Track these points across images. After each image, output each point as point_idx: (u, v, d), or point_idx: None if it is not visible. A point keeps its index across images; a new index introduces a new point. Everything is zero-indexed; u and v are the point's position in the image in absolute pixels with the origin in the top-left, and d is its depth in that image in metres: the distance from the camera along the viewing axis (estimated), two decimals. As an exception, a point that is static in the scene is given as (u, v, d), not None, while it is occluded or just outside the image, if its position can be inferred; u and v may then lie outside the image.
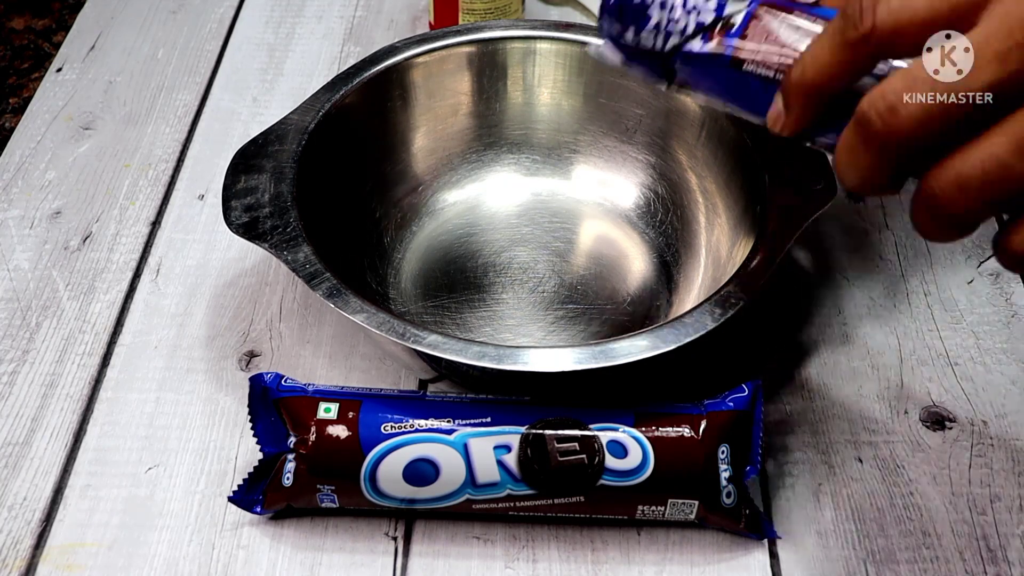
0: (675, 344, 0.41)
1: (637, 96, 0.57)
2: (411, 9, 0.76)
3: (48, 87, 0.68)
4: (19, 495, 0.46)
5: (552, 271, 0.55)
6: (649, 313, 0.53)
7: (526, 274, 0.55)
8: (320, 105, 0.52)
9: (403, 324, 0.42)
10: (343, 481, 0.42)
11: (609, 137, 0.59)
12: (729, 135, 0.53)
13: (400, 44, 0.56)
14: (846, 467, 0.47)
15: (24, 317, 0.54)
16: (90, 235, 0.58)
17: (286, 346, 0.52)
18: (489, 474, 0.41)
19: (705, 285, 0.52)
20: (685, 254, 0.55)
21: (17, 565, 0.43)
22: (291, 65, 0.70)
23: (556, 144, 0.60)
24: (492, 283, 0.55)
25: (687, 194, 0.56)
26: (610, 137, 0.59)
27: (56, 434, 0.48)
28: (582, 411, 0.43)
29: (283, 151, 0.49)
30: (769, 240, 0.46)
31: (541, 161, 0.60)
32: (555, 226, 0.58)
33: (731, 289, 0.44)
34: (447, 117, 0.58)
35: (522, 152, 0.60)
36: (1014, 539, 0.45)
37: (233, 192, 0.47)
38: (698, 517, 0.43)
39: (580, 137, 0.60)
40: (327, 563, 0.44)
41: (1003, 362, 0.52)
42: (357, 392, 0.44)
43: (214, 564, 0.44)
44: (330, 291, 0.43)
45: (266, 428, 0.44)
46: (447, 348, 0.41)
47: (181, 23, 0.74)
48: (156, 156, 0.63)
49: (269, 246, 0.45)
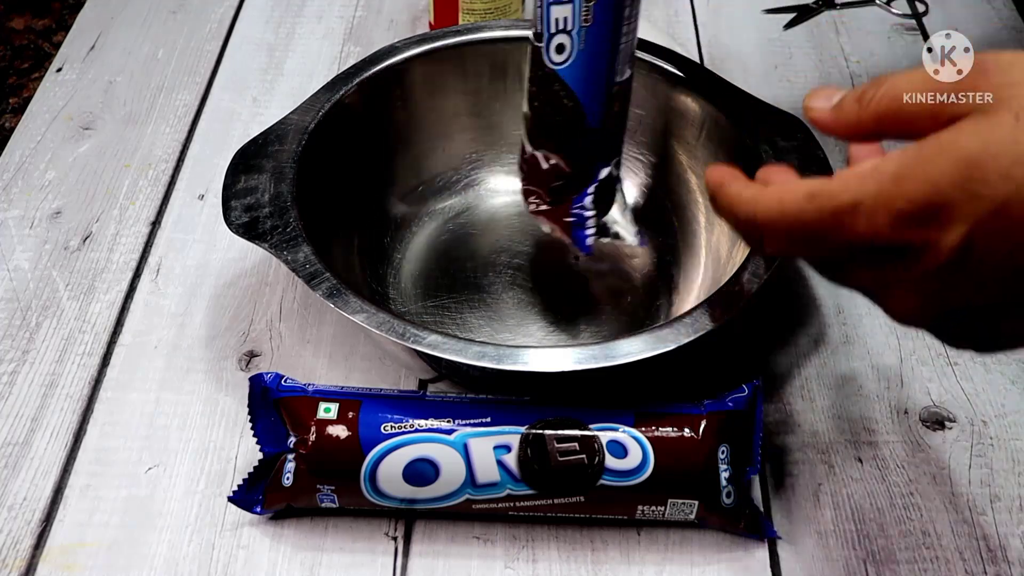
0: (675, 344, 0.41)
1: (636, 96, 0.57)
2: (411, 9, 0.76)
3: (48, 87, 0.68)
4: (19, 495, 0.46)
5: (552, 271, 0.55)
6: (649, 313, 0.53)
7: (526, 274, 0.55)
8: (320, 105, 0.52)
9: (403, 324, 0.42)
10: (343, 481, 0.42)
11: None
12: (729, 135, 0.53)
13: (400, 44, 0.56)
14: (846, 467, 0.47)
15: (24, 317, 0.54)
16: (90, 235, 0.58)
17: (286, 346, 0.52)
18: (489, 474, 0.41)
19: (705, 285, 0.52)
20: (685, 254, 0.55)
21: (17, 565, 0.44)
22: (291, 65, 0.70)
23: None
24: (492, 283, 0.55)
25: (687, 194, 0.56)
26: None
27: (56, 434, 0.48)
28: (582, 411, 0.43)
29: (283, 151, 0.49)
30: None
31: (541, 161, 0.60)
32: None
33: (732, 289, 0.44)
34: (447, 117, 0.58)
35: (522, 152, 0.60)
36: (1014, 539, 0.45)
37: (233, 192, 0.47)
38: (698, 517, 0.43)
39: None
40: (327, 563, 0.44)
41: (1003, 362, 0.52)
42: (357, 392, 0.44)
43: (214, 564, 0.44)
44: (330, 291, 0.43)
45: (266, 428, 0.44)
46: (447, 348, 0.41)
47: (181, 23, 0.74)
48: (156, 156, 0.63)
49: (269, 246, 0.45)
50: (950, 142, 0.29)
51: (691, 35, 0.74)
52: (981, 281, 0.29)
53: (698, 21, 0.75)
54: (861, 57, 0.72)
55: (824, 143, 0.51)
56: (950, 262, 0.29)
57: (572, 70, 0.40)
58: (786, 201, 0.32)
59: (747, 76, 0.69)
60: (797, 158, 0.50)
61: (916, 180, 0.29)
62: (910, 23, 0.75)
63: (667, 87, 0.55)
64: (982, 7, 0.77)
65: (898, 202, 0.29)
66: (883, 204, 0.29)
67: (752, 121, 0.52)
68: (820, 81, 0.70)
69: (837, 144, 0.65)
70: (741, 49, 0.73)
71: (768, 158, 0.49)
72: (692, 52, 0.72)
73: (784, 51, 0.73)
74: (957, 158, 0.28)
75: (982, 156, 0.28)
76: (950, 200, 0.28)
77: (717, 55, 0.72)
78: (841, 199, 0.30)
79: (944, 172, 0.28)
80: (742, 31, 0.74)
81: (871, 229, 0.30)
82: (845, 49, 0.73)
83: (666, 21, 0.75)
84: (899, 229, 0.29)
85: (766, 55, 0.72)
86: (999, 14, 0.76)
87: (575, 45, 0.40)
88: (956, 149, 0.28)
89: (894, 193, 0.29)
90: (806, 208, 0.31)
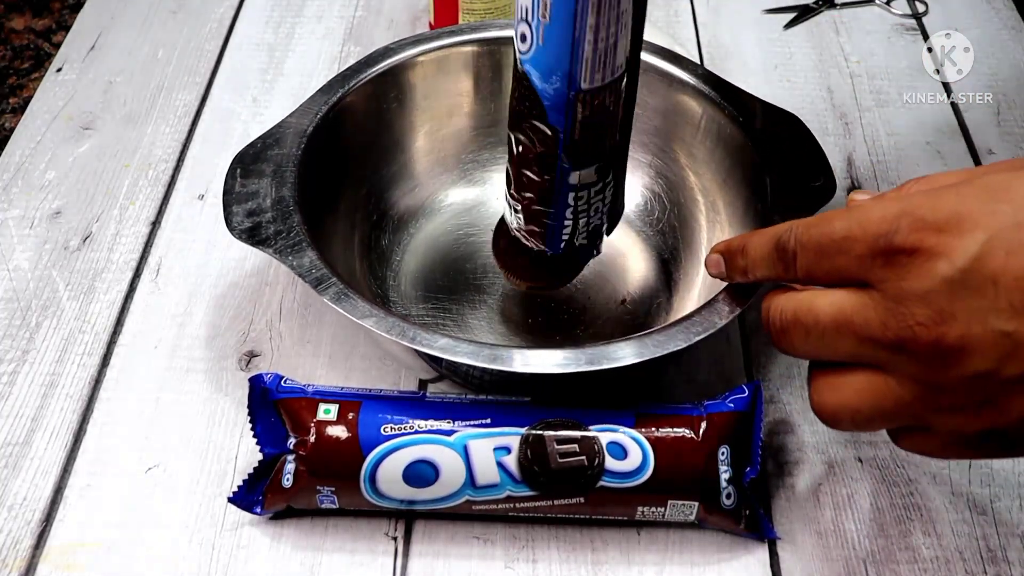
0: (680, 345, 0.41)
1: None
2: (411, 9, 0.76)
3: (48, 87, 0.68)
4: (19, 495, 0.46)
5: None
6: (649, 312, 0.53)
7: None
8: (317, 108, 0.52)
9: (413, 328, 0.42)
10: (343, 482, 0.42)
11: (607, 136, 0.59)
12: (727, 133, 0.53)
13: (395, 45, 0.56)
14: (846, 467, 0.47)
15: (24, 317, 0.54)
16: (90, 235, 0.58)
17: (286, 346, 0.52)
18: (489, 475, 0.41)
19: (706, 284, 0.52)
20: (685, 253, 0.55)
21: (17, 565, 0.44)
22: (291, 65, 0.70)
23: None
24: (492, 283, 0.55)
25: (686, 192, 0.56)
26: (608, 136, 0.59)
27: (56, 434, 0.48)
28: (582, 412, 0.43)
29: (282, 155, 0.49)
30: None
31: (540, 161, 0.60)
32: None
33: (735, 287, 0.44)
34: (444, 118, 0.58)
35: (521, 152, 0.60)
36: (1014, 539, 0.45)
37: (234, 197, 0.47)
38: (698, 518, 0.43)
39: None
40: (327, 563, 0.44)
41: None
42: (357, 393, 0.44)
43: (214, 564, 0.44)
44: (338, 296, 0.43)
45: (266, 429, 0.44)
46: (459, 351, 0.41)
47: (181, 23, 0.74)
48: (156, 156, 0.63)
49: (273, 251, 0.45)
50: (982, 177, 0.31)
51: (691, 35, 0.74)
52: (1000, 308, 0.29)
53: (698, 21, 0.75)
54: (861, 57, 0.72)
55: (822, 141, 0.51)
56: (968, 272, 0.29)
57: (532, 64, 0.40)
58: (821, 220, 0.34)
59: (747, 76, 0.70)
60: (795, 155, 0.50)
61: (945, 195, 0.31)
62: (910, 23, 0.75)
63: (667, 87, 0.55)
64: (982, 7, 0.77)
65: (924, 211, 0.31)
66: (910, 212, 0.31)
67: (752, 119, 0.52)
68: (820, 81, 0.70)
69: (836, 143, 0.65)
70: (741, 49, 0.73)
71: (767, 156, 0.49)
72: (692, 52, 0.72)
73: (784, 51, 0.73)
74: (987, 184, 0.31)
75: (1010, 183, 0.30)
76: (972, 211, 0.30)
77: (717, 55, 0.72)
78: (872, 212, 0.32)
79: (973, 191, 0.30)
80: (742, 31, 0.74)
81: (890, 228, 0.31)
82: (845, 49, 0.73)
83: (666, 21, 0.75)
84: (919, 232, 0.30)
85: (766, 55, 0.72)
86: (999, 14, 0.76)
87: (535, 38, 0.39)
88: (986, 180, 0.31)
89: (923, 204, 0.31)
90: (837, 223, 0.33)
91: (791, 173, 0.49)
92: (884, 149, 0.65)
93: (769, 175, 0.49)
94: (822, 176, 0.48)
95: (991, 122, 0.67)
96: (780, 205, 0.47)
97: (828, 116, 0.67)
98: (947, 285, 0.30)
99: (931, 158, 0.64)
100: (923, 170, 0.63)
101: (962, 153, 0.65)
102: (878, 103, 0.68)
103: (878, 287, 0.31)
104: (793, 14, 0.75)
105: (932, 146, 0.65)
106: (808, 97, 0.69)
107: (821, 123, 0.66)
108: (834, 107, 0.68)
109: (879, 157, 0.64)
